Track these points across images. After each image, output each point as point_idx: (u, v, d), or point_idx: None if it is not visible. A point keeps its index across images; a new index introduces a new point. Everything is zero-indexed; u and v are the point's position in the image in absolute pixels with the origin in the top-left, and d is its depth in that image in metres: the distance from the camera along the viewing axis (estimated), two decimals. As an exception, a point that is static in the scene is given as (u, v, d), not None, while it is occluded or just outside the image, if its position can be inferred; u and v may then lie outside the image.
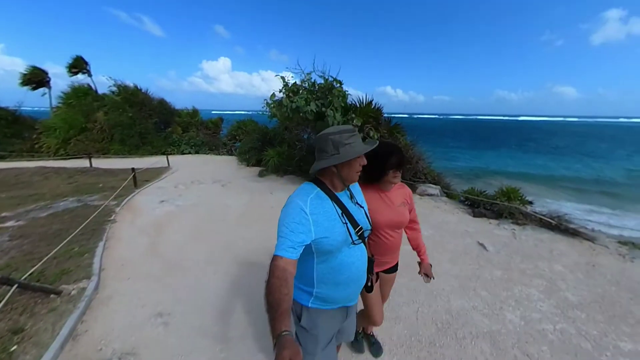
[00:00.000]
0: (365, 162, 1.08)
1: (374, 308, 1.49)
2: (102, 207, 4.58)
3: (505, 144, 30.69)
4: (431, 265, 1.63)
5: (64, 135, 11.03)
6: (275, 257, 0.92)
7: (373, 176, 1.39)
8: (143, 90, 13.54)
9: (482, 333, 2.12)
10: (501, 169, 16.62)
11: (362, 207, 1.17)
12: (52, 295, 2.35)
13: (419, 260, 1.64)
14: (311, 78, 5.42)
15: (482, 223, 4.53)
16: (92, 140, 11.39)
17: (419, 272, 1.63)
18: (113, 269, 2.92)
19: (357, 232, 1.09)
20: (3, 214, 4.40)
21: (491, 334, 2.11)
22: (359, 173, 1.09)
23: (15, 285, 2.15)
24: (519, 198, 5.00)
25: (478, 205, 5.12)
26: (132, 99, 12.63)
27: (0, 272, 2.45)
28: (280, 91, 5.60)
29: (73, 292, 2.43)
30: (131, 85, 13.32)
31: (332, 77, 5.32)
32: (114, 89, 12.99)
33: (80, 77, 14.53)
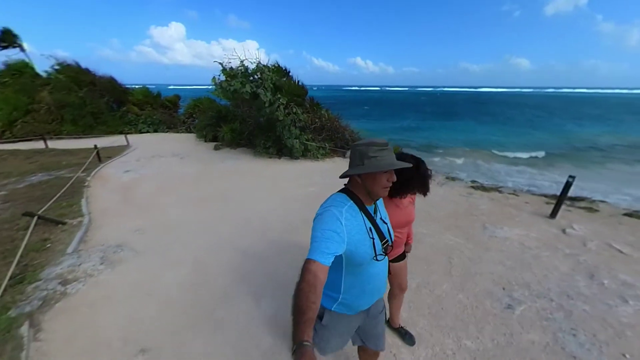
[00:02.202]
0: (394, 178, 1.07)
1: (401, 273, 1.82)
2: (74, 177, 5.55)
3: (463, 117, 31.84)
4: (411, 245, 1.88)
5: (8, 119, 10.79)
6: (308, 261, 0.92)
7: (391, 193, 1.46)
8: (90, 70, 13.15)
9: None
10: (451, 144, 17.14)
11: (386, 223, 1.18)
12: (59, 225, 3.58)
13: (406, 242, 1.82)
14: (245, 65, 6.53)
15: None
16: (40, 121, 11.25)
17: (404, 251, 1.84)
18: (98, 213, 4.15)
19: (384, 245, 1.11)
20: (-17, 188, 5.18)
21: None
22: (387, 189, 1.08)
23: (36, 217, 3.35)
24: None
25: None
26: (79, 78, 12.35)
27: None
28: (219, 75, 6.66)
29: (74, 223, 3.68)
30: (73, 63, 12.84)
31: (262, 63, 6.49)
32: (57, 67, 12.49)
33: (11, 52, 13.53)
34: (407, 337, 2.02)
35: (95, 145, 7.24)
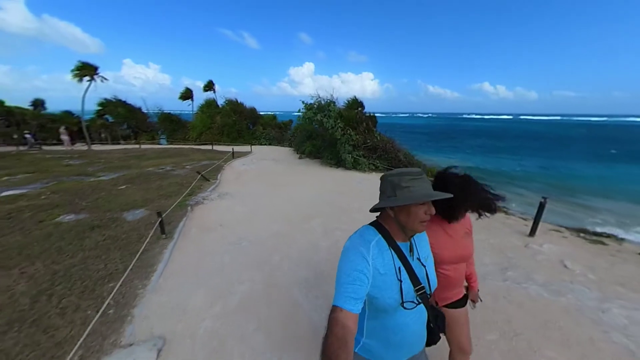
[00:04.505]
0: (433, 211, 0.92)
1: (458, 325, 1.38)
2: (218, 163, 9.81)
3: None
4: (478, 290, 1.58)
5: (200, 131, 18.38)
6: (334, 309, 0.83)
7: (440, 214, 1.29)
8: (240, 101, 20.18)
9: (337, 205, 5.66)
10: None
11: (424, 266, 1.01)
12: (208, 180, 7.19)
13: (466, 285, 1.54)
14: (319, 101, 9.36)
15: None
16: (212, 134, 18.40)
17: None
18: (224, 179, 7.69)
19: (417, 291, 0.95)
20: (184, 165, 10.13)
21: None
22: (425, 223, 0.93)
23: (200, 175, 7.04)
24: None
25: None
26: (235, 108, 19.27)
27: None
28: (302, 109, 9.83)
29: (214, 181, 7.24)
30: (234, 99, 20.13)
31: (330, 99, 9.12)
32: (226, 101, 20.00)
33: (209, 93, 22.63)
34: None
35: (233, 149, 11.88)
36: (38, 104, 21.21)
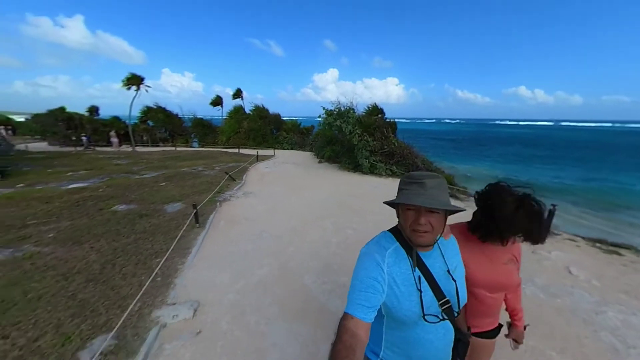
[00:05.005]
0: (422, 224, 0.81)
1: (480, 356, 1.23)
2: (243, 166, 10.63)
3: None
4: (525, 327, 1.34)
5: (228, 135, 19.72)
6: (345, 316, 0.79)
7: (484, 233, 1.11)
8: (265, 107, 21.32)
9: (350, 206, 6.04)
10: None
11: (455, 280, 0.91)
12: (234, 180, 7.94)
13: (509, 321, 1.35)
14: (339, 108, 9.83)
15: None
16: (240, 138, 19.63)
17: (507, 335, 1.35)
18: (248, 180, 8.40)
19: (442, 305, 0.88)
20: (214, 166, 11.11)
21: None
22: (419, 234, 0.83)
23: (227, 175, 7.81)
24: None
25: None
26: (261, 114, 20.41)
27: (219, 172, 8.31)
28: (323, 115, 10.35)
29: (240, 181, 7.97)
30: (260, 105, 21.31)
31: (349, 106, 9.56)
32: (253, 108, 21.26)
33: (237, 100, 24.15)
34: None
35: (257, 153, 12.73)
36: (93, 110, 24.06)
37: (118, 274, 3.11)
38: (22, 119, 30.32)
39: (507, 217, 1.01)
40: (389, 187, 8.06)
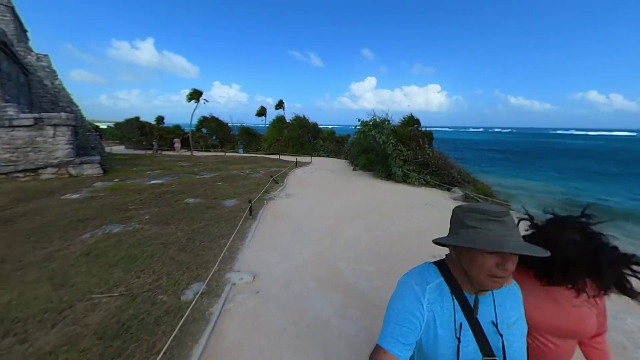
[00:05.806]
0: (509, 267, 0.71)
1: None
2: (284, 171, 11.76)
3: None
4: None
5: (270, 142, 21.52)
6: (377, 349, 0.74)
7: (541, 273, 0.98)
8: (304, 116, 22.73)
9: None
10: None
11: (501, 335, 0.79)
12: (277, 183, 9.00)
13: None
14: (376, 118, 10.40)
15: (454, 202, 7.72)
16: (280, 146, 21.27)
17: None
18: (288, 183, 9.41)
19: None
20: (259, 170, 12.48)
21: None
22: (495, 280, 0.73)
23: (272, 179, 8.90)
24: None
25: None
26: (300, 123, 21.85)
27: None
28: (359, 125, 11.00)
29: (282, 184, 9.01)
30: (300, 114, 22.82)
31: (384, 117, 10.06)
32: (293, 117, 22.87)
33: (279, 110, 26.13)
34: None
35: (296, 159, 13.87)
36: (159, 120, 28.26)
37: (199, 247, 4.17)
38: (105, 126, 36.79)
39: (561, 251, 0.86)
40: (421, 195, 8.33)
